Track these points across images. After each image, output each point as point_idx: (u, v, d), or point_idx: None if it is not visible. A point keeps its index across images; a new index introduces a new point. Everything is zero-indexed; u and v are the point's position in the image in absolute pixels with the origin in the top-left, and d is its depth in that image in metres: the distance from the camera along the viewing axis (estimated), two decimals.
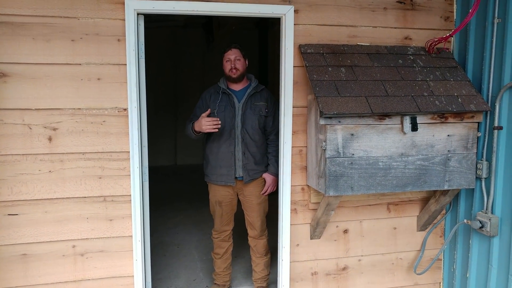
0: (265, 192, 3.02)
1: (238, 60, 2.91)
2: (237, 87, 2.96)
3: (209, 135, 2.94)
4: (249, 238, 3.15)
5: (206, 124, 2.74)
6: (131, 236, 2.62)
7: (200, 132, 2.83)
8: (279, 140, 2.79)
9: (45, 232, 2.53)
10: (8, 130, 2.42)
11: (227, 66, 2.91)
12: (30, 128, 2.44)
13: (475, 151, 2.62)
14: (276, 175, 2.97)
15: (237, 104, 2.92)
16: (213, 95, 2.96)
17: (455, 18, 2.90)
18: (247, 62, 2.97)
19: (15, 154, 2.44)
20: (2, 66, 2.38)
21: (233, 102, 2.92)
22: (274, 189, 3.02)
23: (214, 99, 2.94)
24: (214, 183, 3.02)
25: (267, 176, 3.00)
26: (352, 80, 2.56)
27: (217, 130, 2.77)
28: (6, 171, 2.44)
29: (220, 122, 2.77)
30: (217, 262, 3.20)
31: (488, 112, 2.60)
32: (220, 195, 3.02)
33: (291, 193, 2.79)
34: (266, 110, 2.96)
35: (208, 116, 2.79)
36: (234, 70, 2.89)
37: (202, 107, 2.96)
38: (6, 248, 2.50)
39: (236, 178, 2.95)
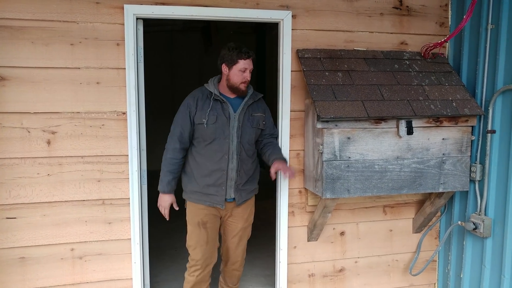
0: (287, 171, 2.49)
1: (250, 72, 2.46)
2: (232, 94, 2.48)
3: (196, 145, 2.47)
4: (225, 269, 2.73)
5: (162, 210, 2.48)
6: (130, 239, 2.64)
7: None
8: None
9: (43, 236, 2.53)
10: (6, 134, 2.42)
11: (239, 76, 2.40)
12: (29, 132, 2.44)
13: (469, 154, 2.67)
14: (285, 160, 2.57)
15: (232, 115, 2.43)
16: (201, 101, 2.43)
17: (450, 24, 2.95)
18: None
19: (13, 158, 2.44)
20: (1, 69, 2.38)
21: (228, 112, 2.42)
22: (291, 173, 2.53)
23: (203, 105, 2.42)
24: (196, 203, 2.49)
25: (279, 162, 2.47)
26: (349, 84, 2.60)
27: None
28: (5, 174, 2.44)
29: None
30: None
31: (482, 116, 2.65)
32: (204, 215, 2.48)
33: (288, 196, 2.82)
34: (264, 123, 2.55)
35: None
36: (246, 83, 2.44)
37: (187, 117, 2.41)
38: (4, 252, 2.50)
39: (225, 200, 2.49)
